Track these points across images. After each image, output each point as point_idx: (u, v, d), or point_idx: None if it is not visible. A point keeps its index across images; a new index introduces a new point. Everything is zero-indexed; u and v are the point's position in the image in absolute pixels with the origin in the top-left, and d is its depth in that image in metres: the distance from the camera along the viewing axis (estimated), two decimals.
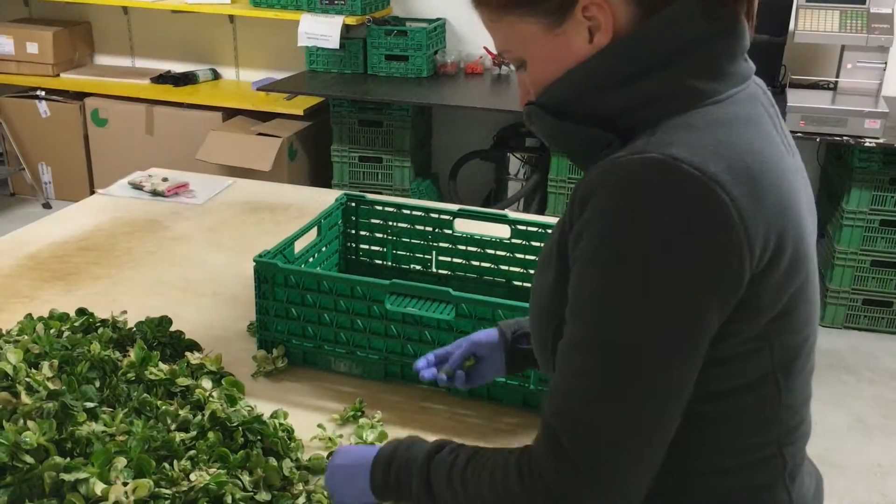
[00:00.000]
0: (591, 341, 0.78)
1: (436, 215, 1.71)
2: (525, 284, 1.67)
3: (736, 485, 0.87)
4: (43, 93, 4.40)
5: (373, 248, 1.77)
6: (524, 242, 1.66)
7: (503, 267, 1.69)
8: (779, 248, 0.79)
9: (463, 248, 1.71)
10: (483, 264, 1.70)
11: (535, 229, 1.65)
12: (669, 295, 0.75)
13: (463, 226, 1.71)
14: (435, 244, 1.72)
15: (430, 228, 1.72)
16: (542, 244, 1.64)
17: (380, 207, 1.75)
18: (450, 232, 1.71)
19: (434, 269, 1.74)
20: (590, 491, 0.77)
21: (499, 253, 1.69)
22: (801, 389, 0.88)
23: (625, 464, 0.77)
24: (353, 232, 1.77)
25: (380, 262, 1.77)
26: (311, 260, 1.63)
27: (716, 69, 0.82)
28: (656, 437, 0.78)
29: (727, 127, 0.80)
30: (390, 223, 1.74)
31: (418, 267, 1.74)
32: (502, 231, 1.68)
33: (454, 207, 1.73)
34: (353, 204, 1.76)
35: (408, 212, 1.73)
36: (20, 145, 4.49)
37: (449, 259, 1.72)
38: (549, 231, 1.64)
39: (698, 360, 0.78)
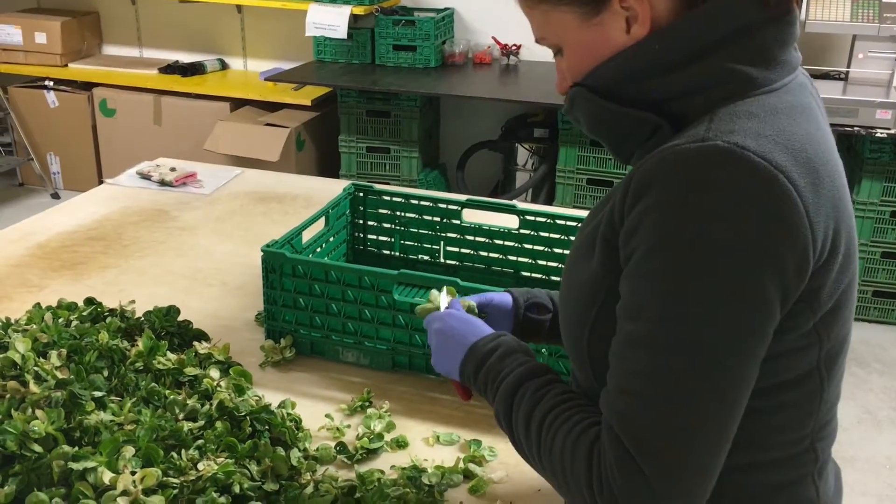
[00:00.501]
0: (652, 338, 0.75)
1: (444, 205, 1.71)
2: (534, 275, 1.67)
3: (768, 480, 0.85)
4: (51, 83, 4.41)
5: (380, 238, 1.77)
6: (532, 233, 1.65)
7: (511, 257, 1.68)
8: (835, 242, 0.77)
9: (471, 238, 1.70)
10: (491, 255, 1.70)
11: (543, 219, 1.65)
12: (737, 288, 0.72)
13: (471, 216, 1.71)
14: (443, 234, 1.72)
15: (438, 219, 1.71)
16: (551, 234, 1.64)
17: (388, 197, 1.74)
18: (458, 222, 1.70)
19: (442, 260, 1.73)
20: (656, 496, 0.73)
21: (507, 243, 1.68)
22: (838, 384, 0.88)
23: (691, 468, 0.74)
24: (361, 222, 1.77)
25: (387, 252, 1.77)
26: (318, 250, 1.62)
27: (768, 57, 0.80)
28: (722, 436, 0.75)
29: (786, 116, 0.78)
30: (398, 213, 1.74)
31: (426, 257, 1.74)
32: (510, 221, 1.67)
33: (462, 198, 1.72)
34: (361, 194, 1.75)
35: (416, 202, 1.73)
36: (28, 135, 4.49)
37: (457, 249, 1.72)
38: (558, 221, 1.63)
39: (762, 355, 0.76)
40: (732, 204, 0.72)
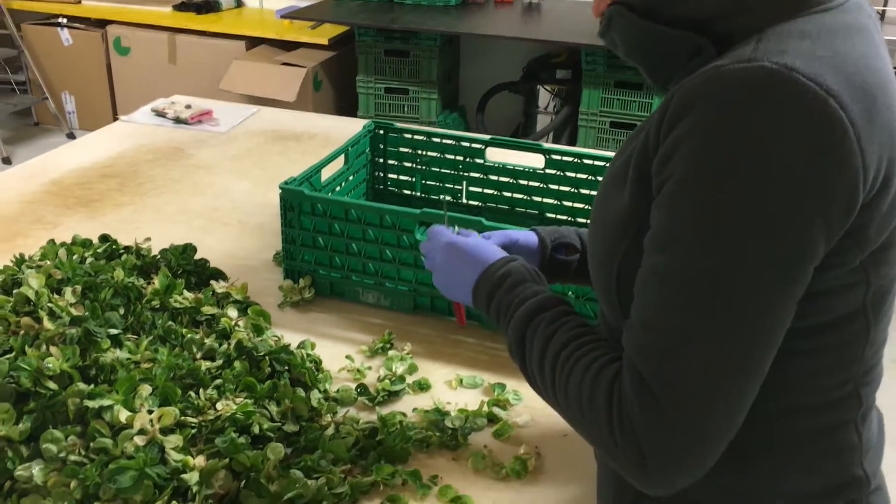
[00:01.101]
0: (681, 271, 0.70)
1: (467, 144, 1.65)
2: (559, 216, 1.62)
3: (809, 425, 0.82)
4: (65, 20, 4.33)
5: (401, 177, 1.72)
6: (558, 173, 1.60)
7: (536, 198, 1.63)
8: (889, 175, 0.72)
9: (495, 178, 1.65)
10: (515, 195, 1.64)
11: (569, 159, 1.59)
12: (777, 221, 0.67)
13: (495, 155, 1.65)
14: (466, 174, 1.67)
15: (460, 158, 1.66)
16: (577, 174, 1.58)
17: (409, 136, 1.69)
18: (481, 161, 1.65)
19: (464, 200, 1.68)
20: (678, 435, 0.70)
21: (532, 184, 1.63)
22: (884, 328, 0.83)
23: (717, 409, 0.70)
24: (381, 161, 1.72)
25: (408, 192, 1.72)
26: (337, 189, 1.58)
27: None
28: (750, 377, 0.71)
29: (842, 37, 0.72)
30: (419, 152, 1.69)
31: (448, 198, 1.69)
32: (536, 161, 1.62)
33: (486, 136, 1.66)
34: (382, 132, 1.70)
35: (438, 140, 1.67)
36: (43, 74, 4.43)
37: (480, 190, 1.67)
38: (585, 161, 1.58)
39: (801, 291, 0.71)
40: (778, 130, 0.66)
